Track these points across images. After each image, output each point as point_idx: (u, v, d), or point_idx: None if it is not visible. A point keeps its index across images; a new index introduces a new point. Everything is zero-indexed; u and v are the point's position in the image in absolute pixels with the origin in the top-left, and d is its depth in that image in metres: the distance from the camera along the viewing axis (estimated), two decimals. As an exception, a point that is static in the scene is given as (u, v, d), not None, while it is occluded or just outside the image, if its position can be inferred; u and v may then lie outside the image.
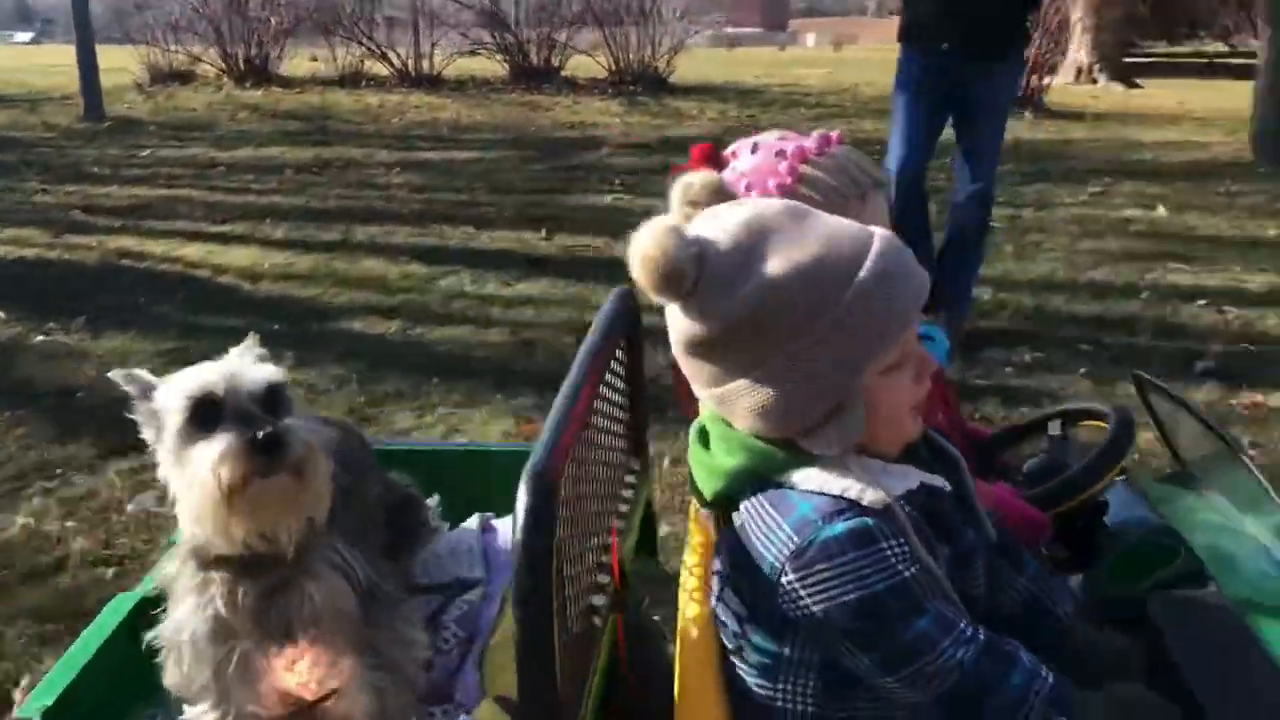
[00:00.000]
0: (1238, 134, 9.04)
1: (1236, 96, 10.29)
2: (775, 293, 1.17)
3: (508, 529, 1.95)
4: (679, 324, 1.24)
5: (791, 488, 1.23)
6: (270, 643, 1.43)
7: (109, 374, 1.43)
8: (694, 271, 1.19)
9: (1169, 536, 1.63)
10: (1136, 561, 1.64)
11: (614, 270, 5.41)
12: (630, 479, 1.85)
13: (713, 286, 1.19)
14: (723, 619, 1.32)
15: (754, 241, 1.20)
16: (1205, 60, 17.38)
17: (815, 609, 1.17)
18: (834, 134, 1.61)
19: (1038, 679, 1.21)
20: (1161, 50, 19.33)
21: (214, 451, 1.30)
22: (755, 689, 1.29)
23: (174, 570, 1.45)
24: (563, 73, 12.63)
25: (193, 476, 1.32)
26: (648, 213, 1.25)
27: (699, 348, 1.24)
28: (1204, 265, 5.65)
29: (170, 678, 1.46)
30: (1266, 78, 8.49)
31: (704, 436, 1.35)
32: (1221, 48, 19.37)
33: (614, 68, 12.24)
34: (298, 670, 1.48)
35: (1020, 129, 10.14)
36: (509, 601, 1.58)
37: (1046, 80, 11.45)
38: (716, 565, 1.36)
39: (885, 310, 1.19)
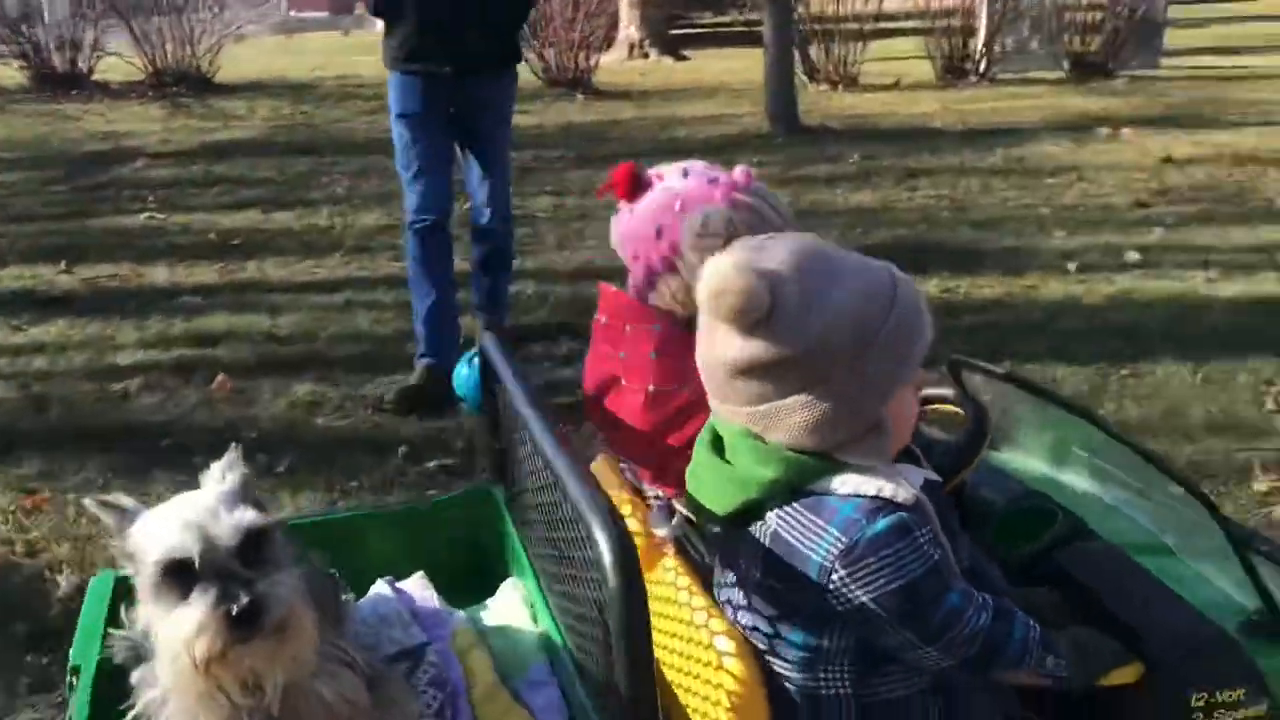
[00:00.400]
0: (761, 105, 9.84)
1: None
2: (840, 319, 1.32)
3: (416, 589, 1.91)
4: (735, 348, 1.34)
5: (825, 494, 1.36)
6: None
7: (85, 502, 1.35)
8: (769, 301, 1.31)
9: (1040, 499, 1.82)
10: (1017, 527, 1.79)
11: (144, 303, 5.08)
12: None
13: (786, 314, 1.32)
14: (752, 624, 1.44)
15: (813, 272, 1.34)
16: (745, 29, 18.73)
17: (865, 599, 1.32)
18: (751, 170, 1.71)
19: (1031, 628, 1.42)
20: (709, 21, 20.55)
21: (188, 624, 1.22)
22: (795, 682, 1.42)
23: (156, 693, 1.34)
24: (93, 77, 11.66)
25: (167, 645, 1.25)
26: (185, 230, 1.14)
27: (758, 369, 1.34)
28: (725, 239, 6.11)
29: None
30: (772, 49, 9.19)
31: (716, 453, 1.44)
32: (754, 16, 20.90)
33: (151, 68, 11.44)
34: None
35: (571, 112, 10.53)
36: (469, 654, 1.68)
37: (594, 60, 11.93)
38: (729, 577, 1.48)
39: (914, 334, 1.37)
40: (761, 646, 1.44)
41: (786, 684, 1.43)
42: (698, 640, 1.47)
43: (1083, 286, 5.13)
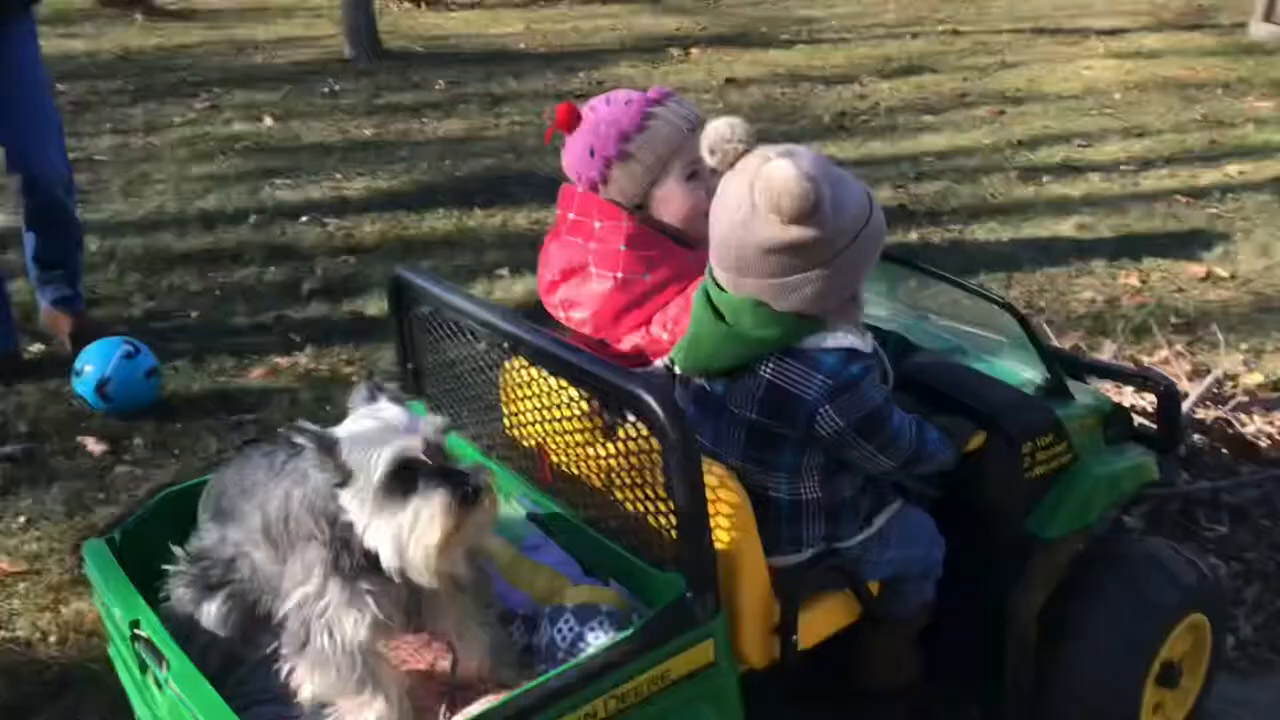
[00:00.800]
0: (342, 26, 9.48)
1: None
2: (849, 214, 1.73)
3: None
4: (776, 232, 1.70)
5: (811, 349, 1.78)
6: (408, 632, 1.70)
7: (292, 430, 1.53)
8: (818, 198, 1.67)
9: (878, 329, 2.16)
10: None
11: None
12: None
13: (822, 210, 1.68)
14: (744, 454, 1.83)
15: (833, 177, 1.73)
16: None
17: (842, 424, 1.77)
18: (665, 89, 2.12)
19: (935, 429, 1.92)
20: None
21: (435, 509, 1.48)
22: (781, 493, 1.86)
23: (302, 596, 1.57)
24: None
25: (412, 528, 1.48)
26: None
27: (789, 249, 1.71)
28: (309, 177, 5.91)
29: (320, 686, 1.58)
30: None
31: (718, 318, 1.79)
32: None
33: None
34: (425, 653, 1.75)
35: (129, 36, 9.65)
36: None
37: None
38: (725, 418, 1.84)
39: (883, 230, 1.80)
40: (753, 470, 1.83)
41: (773, 494, 1.85)
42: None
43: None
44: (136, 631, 1.70)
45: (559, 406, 1.87)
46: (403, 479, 1.50)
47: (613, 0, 12.26)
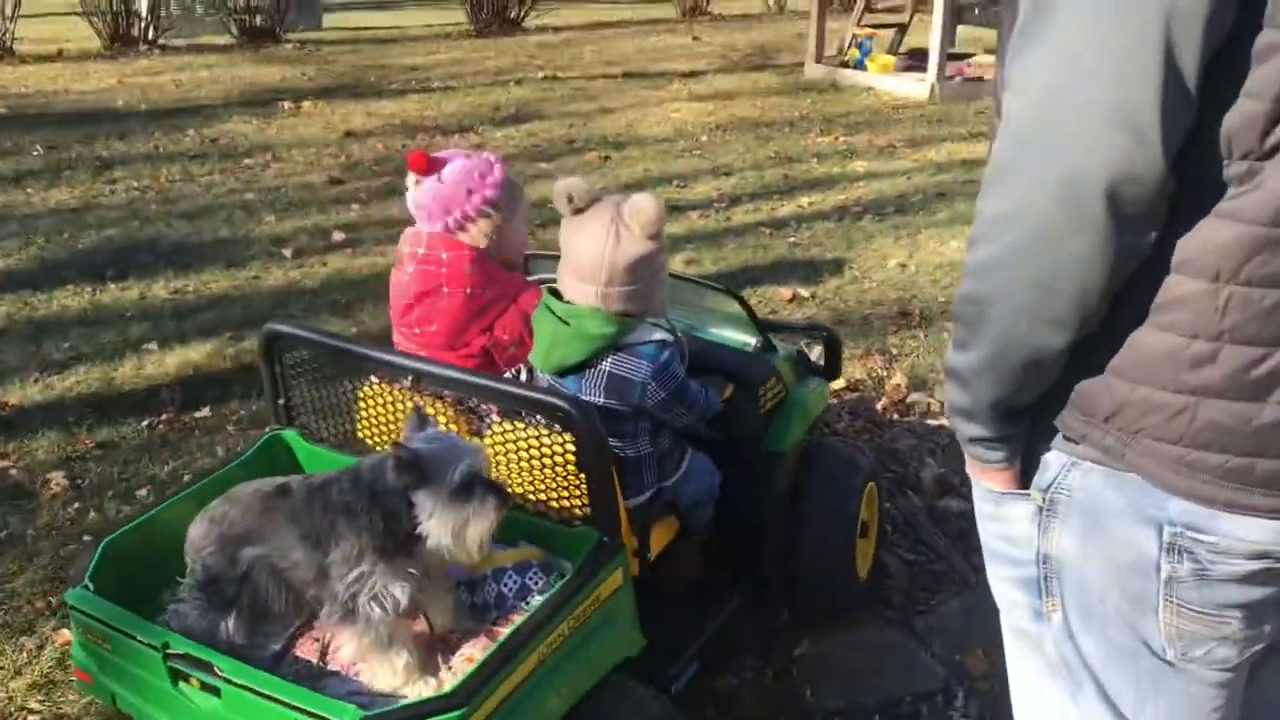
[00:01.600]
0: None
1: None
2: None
3: None
4: (640, 250, 2.31)
5: (634, 344, 2.36)
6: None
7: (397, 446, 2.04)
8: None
9: None
10: None
11: None
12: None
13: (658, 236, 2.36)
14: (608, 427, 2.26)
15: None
16: None
17: (663, 394, 2.36)
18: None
19: (709, 388, 2.57)
20: None
21: (490, 509, 2.04)
22: (626, 454, 2.41)
23: (356, 575, 2.03)
24: None
25: (472, 522, 2.03)
26: None
27: (645, 260, 2.33)
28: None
29: (360, 648, 2.05)
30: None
31: (564, 325, 2.34)
32: None
33: None
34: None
35: None
36: None
37: None
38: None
39: None
40: (613, 440, 2.32)
41: (620, 454, 2.38)
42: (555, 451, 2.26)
43: (300, 271, 5.58)
44: (170, 651, 1.99)
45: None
46: (468, 488, 2.02)
47: (207, 49, 12.04)
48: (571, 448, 2.19)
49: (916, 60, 10.59)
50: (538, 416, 2.24)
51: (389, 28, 14.34)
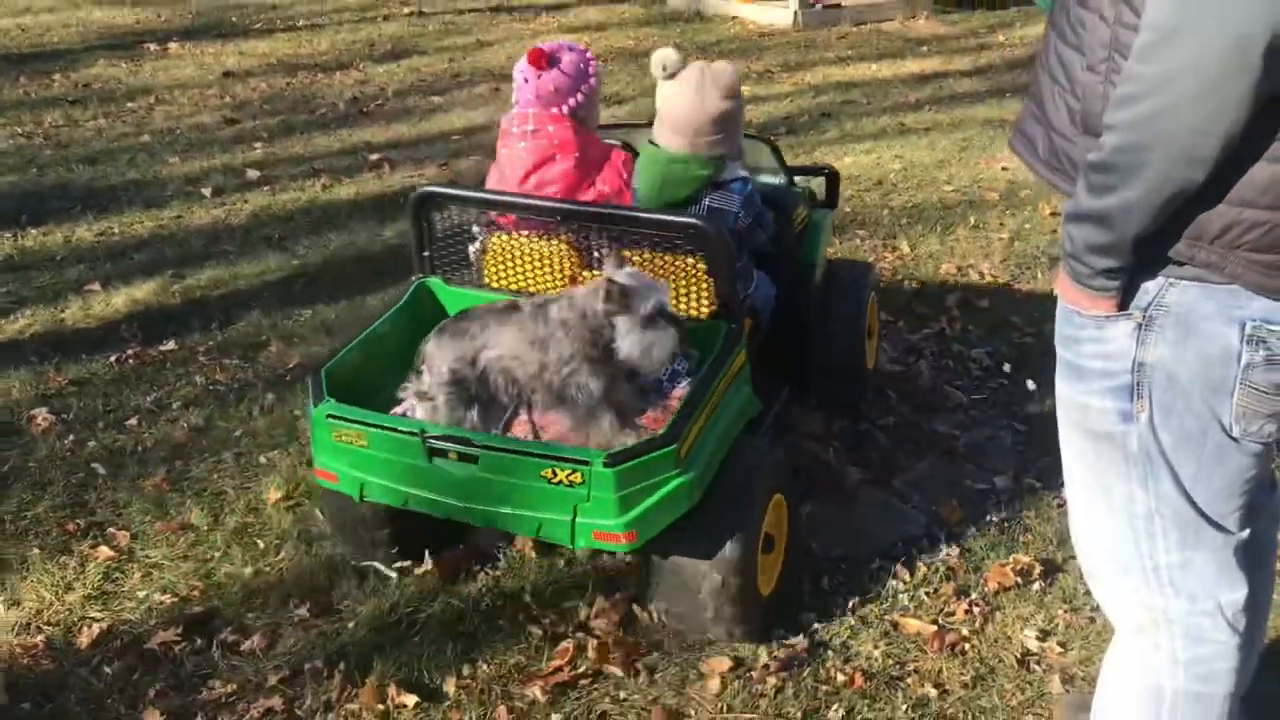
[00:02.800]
0: None
1: None
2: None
3: None
4: (721, 105, 2.92)
5: (724, 183, 2.97)
6: None
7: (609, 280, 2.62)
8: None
9: None
10: None
11: None
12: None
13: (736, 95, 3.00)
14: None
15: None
16: None
17: (748, 220, 2.99)
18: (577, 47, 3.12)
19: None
20: None
21: (673, 334, 2.64)
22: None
23: (568, 370, 2.68)
24: None
25: (658, 343, 2.62)
26: None
27: (726, 114, 2.93)
28: None
29: (565, 424, 2.72)
30: None
31: (669, 167, 2.94)
32: None
33: None
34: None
35: None
36: None
37: None
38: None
39: None
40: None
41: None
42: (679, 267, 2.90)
43: (223, 209, 5.58)
44: (428, 434, 2.50)
45: (540, 259, 3.01)
46: (654, 317, 2.60)
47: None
48: (693, 262, 2.82)
49: (774, -12, 10.96)
50: (660, 238, 2.81)
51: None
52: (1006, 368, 3.97)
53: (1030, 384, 3.84)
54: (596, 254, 2.99)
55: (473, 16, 10.46)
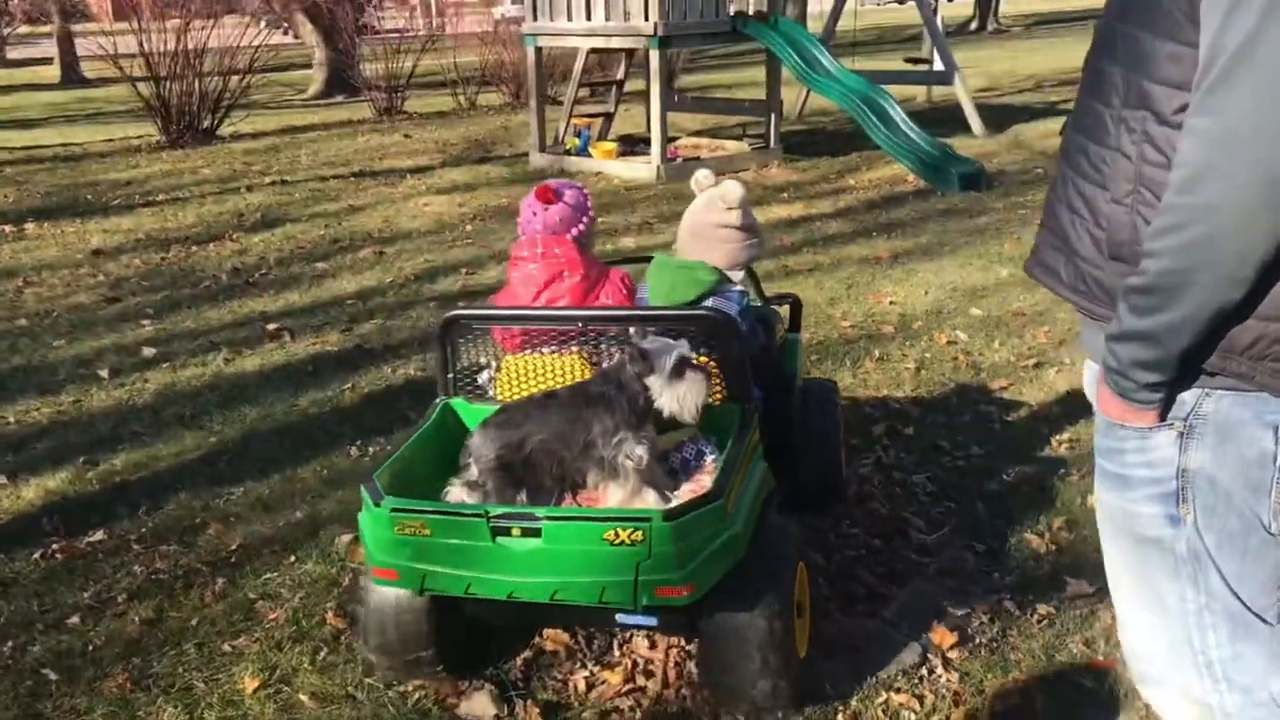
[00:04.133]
0: None
1: None
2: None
3: None
4: (732, 217, 3.40)
5: (724, 290, 3.37)
6: None
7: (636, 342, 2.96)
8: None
9: None
10: None
11: None
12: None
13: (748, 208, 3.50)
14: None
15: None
16: None
17: (744, 326, 3.17)
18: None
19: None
20: None
21: (700, 380, 2.88)
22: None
23: (618, 439, 2.90)
24: None
25: (690, 392, 2.88)
26: None
27: (738, 230, 3.42)
28: None
29: (619, 495, 2.90)
30: None
31: (679, 272, 3.36)
32: None
33: None
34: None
35: None
36: None
37: None
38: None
39: None
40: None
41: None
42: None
43: (124, 390, 5.37)
44: (492, 514, 2.60)
45: (554, 374, 3.19)
46: (680, 368, 2.84)
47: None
48: (704, 355, 3.07)
49: (627, 145, 11.41)
50: (672, 335, 3.03)
51: (68, 144, 13.61)
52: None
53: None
54: (607, 361, 3.21)
55: (337, 183, 10.51)
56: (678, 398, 2.86)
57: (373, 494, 2.72)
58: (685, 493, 2.94)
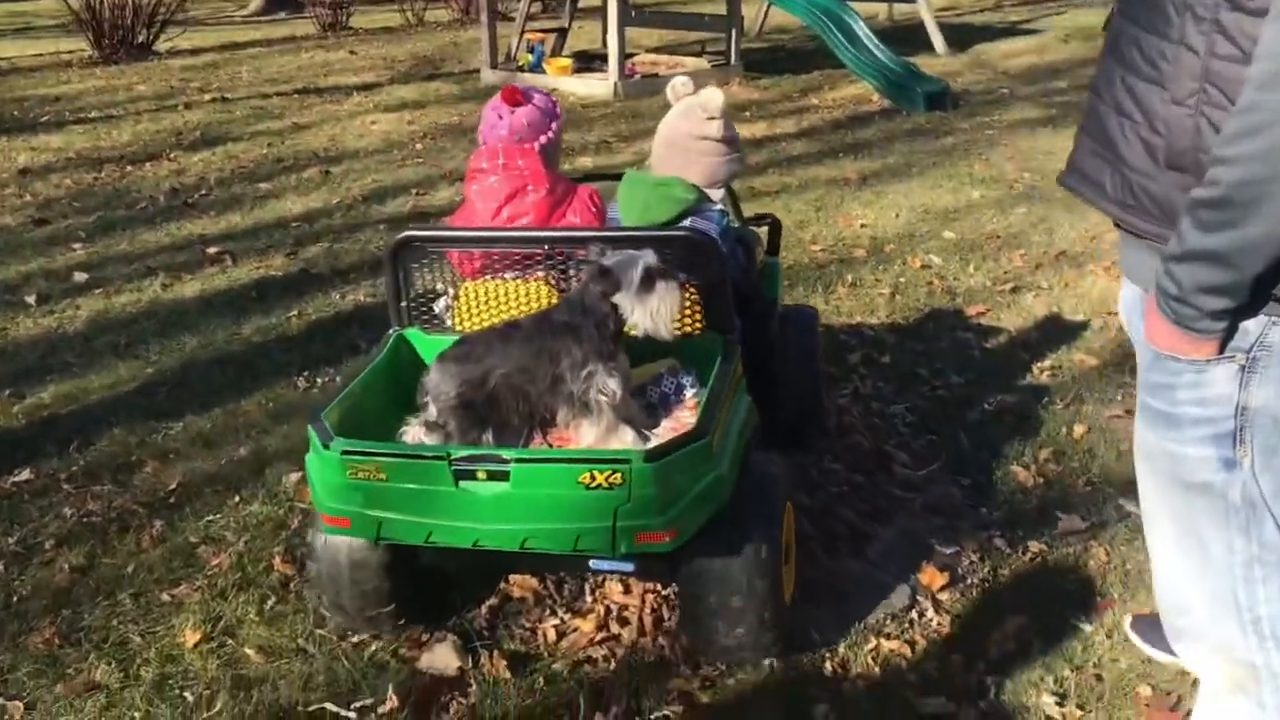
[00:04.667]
0: None
1: None
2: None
3: None
4: (714, 129, 3.13)
5: (704, 210, 3.09)
6: None
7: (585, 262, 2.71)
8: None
9: None
10: None
11: None
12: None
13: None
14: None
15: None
16: None
17: (726, 247, 3.00)
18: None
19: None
20: None
21: (674, 290, 2.63)
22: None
23: (585, 373, 2.63)
24: None
25: (663, 303, 2.61)
26: None
27: (719, 142, 3.13)
28: None
29: (593, 433, 2.65)
30: None
31: (654, 189, 3.08)
32: None
33: None
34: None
35: None
36: None
37: None
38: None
39: None
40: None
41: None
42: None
43: (53, 318, 5.04)
44: (455, 456, 2.36)
45: (517, 300, 2.91)
46: (649, 278, 2.56)
47: None
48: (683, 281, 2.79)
49: (583, 62, 11.01)
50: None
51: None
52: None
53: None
54: (573, 287, 2.93)
55: (281, 100, 10.04)
56: (650, 312, 2.59)
57: (321, 434, 2.47)
58: (665, 430, 2.72)
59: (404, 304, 3.00)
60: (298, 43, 14.17)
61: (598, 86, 10.16)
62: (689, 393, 2.85)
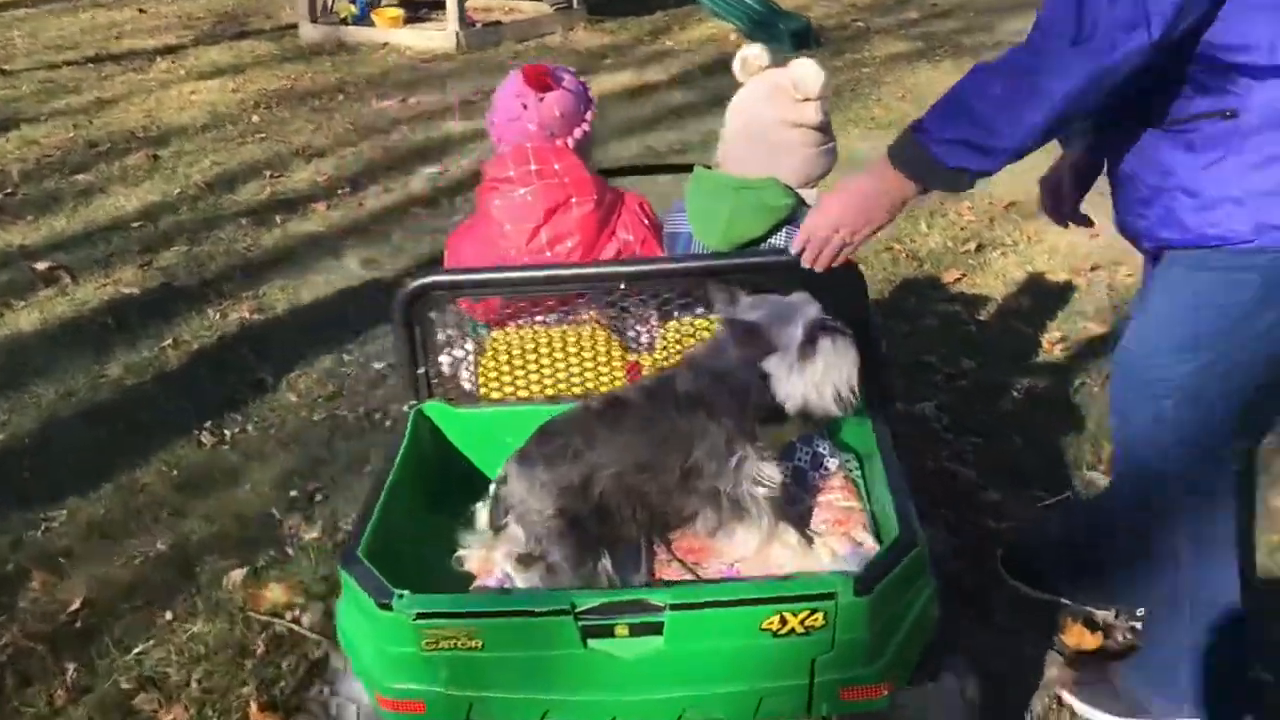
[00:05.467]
0: None
1: None
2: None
3: None
4: (811, 112, 2.34)
5: (797, 217, 2.30)
6: None
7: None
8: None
9: None
10: None
11: None
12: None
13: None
14: None
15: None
16: None
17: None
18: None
19: None
20: None
21: (848, 351, 1.96)
22: None
23: (736, 460, 2.01)
24: None
25: (835, 371, 1.92)
26: None
27: (816, 130, 2.37)
28: None
29: (753, 538, 2.00)
30: None
31: (740, 194, 2.32)
32: None
33: None
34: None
35: None
36: None
37: None
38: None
39: None
40: None
41: None
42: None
43: None
44: (580, 609, 1.71)
45: (565, 350, 2.27)
46: (812, 338, 1.90)
47: None
48: None
49: (413, 11, 10.07)
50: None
51: None
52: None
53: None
54: (635, 330, 2.35)
55: (72, 70, 8.71)
56: (814, 384, 1.93)
57: (372, 588, 1.76)
58: (821, 523, 2.11)
59: (422, 370, 2.29)
60: (73, 1, 12.54)
61: (437, 38, 9.25)
62: (831, 463, 2.24)
